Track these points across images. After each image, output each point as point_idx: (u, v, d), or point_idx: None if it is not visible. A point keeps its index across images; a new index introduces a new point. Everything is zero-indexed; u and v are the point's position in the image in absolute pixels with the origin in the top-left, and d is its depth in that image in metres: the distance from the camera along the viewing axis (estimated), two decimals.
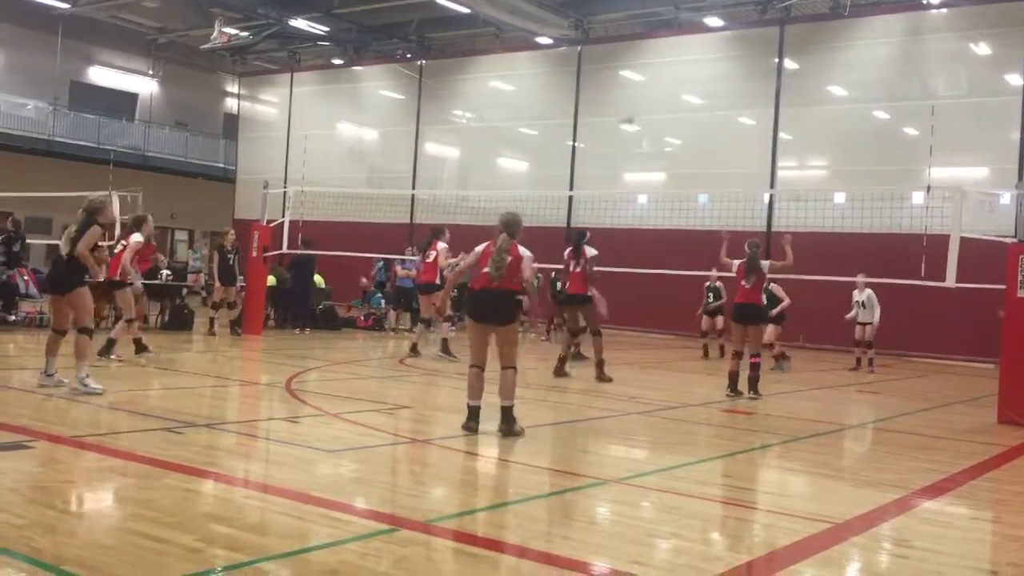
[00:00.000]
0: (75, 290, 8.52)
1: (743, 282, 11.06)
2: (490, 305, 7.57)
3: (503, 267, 7.50)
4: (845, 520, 5.34)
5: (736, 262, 11.29)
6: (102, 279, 10.47)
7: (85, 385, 8.18)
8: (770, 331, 13.51)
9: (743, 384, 10.89)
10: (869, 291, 14.96)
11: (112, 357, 11.09)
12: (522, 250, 7.74)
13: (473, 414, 7.55)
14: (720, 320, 15.71)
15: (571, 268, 12.34)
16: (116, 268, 11.61)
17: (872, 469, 7.21)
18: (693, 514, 5.41)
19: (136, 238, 11.71)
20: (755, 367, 10.91)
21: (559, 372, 12.31)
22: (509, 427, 7.45)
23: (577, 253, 12.30)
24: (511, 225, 7.73)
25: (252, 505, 5.09)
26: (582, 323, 12.58)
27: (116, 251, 12.01)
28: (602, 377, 12.00)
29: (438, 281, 13.76)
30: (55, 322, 8.89)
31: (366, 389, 10.72)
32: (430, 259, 14.24)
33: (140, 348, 11.64)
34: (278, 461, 6.45)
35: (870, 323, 15.10)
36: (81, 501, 5.09)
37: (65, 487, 5.31)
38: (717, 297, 15.75)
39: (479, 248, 7.95)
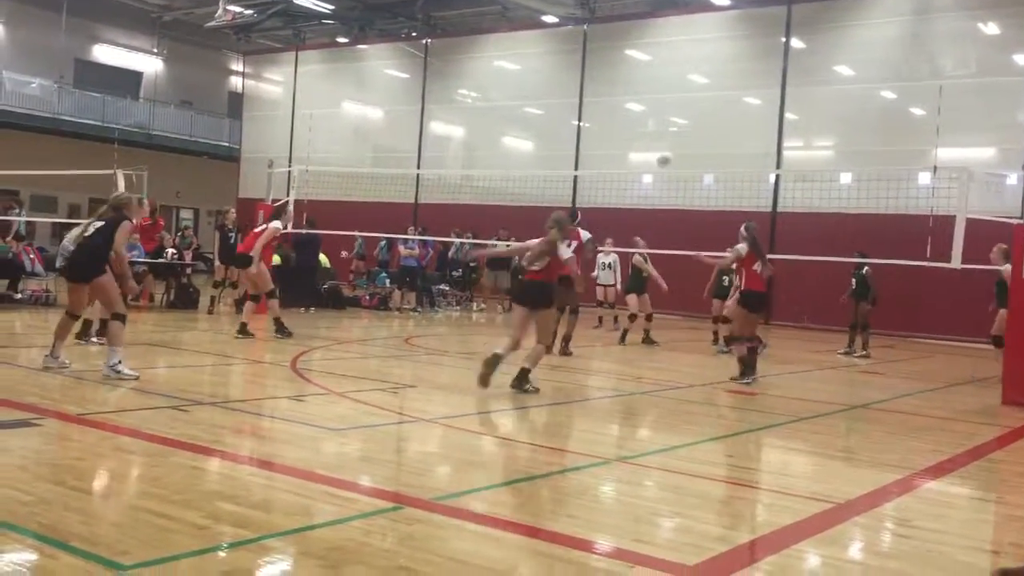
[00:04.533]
0: (98, 278, 8.32)
1: (755, 267, 10.33)
2: (529, 292, 8.87)
3: (541, 261, 8.76)
4: (847, 500, 5.36)
5: (742, 247, 10.40)
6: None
7: (117, 372, 7.94)
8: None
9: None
10: (615, 255, 16.14)
11: (94, 340, 10.40)
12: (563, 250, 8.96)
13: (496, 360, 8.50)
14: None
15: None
16: None
17: (874, 449, 7.23)
18: (696, 493, 5.43)
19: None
20: (753, 351, 10.60)
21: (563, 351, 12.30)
22: (520, 384, 8.59)
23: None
24: (560, 222, 8.94)
25: (258, 483, 5.12)
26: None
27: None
28: (565, 351, 12.23)
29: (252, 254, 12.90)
30: (71, 306, 8.66)
31: (370, 368, 10.75)
32: (256, 230, 13.45)
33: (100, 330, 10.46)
34: (283, 439, 6.48)
35: (613, 285, 16.32)
36: (88, 478, 5.12)
37: (72, 464, 5.34)
38: (731, 281, 15.44)
39: (532, 242, 9.10)
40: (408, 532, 4.31)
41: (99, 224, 8.49)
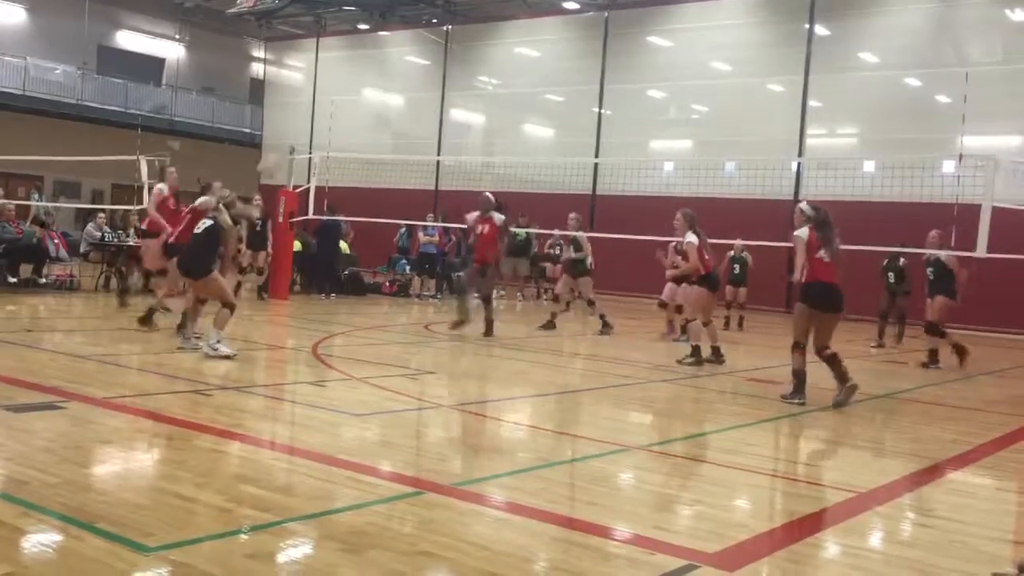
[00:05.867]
0: (206, 276, 9.01)
1: (822, 254, 8.17)
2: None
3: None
4: (869, 489, 5.34)
5: (803, 232, 8.25)
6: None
7: (215, 349, 8.59)
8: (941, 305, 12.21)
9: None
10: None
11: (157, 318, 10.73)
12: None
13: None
14: (743, 292, 15.51)
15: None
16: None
17: (897, 439, 7.19)
18: (717, 481, 5.42)
19: (159, 187, 11.79)
20: (836, 358, 8.39)
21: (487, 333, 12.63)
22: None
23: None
24: (689, 217, 10.91)
25: (280, 467, 5.16)
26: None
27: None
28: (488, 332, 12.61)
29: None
30: (196, 292, 9.48)
31: (391, 354, 10.79)
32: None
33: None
34: (305, 424, 6.52)
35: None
36: (113, 461, 5.18)
37: (97, 447, 5.40)
38: (744, 267, 15.50)
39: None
40: (429, 517, 4.32)
41: (208, 223, 9.15)
